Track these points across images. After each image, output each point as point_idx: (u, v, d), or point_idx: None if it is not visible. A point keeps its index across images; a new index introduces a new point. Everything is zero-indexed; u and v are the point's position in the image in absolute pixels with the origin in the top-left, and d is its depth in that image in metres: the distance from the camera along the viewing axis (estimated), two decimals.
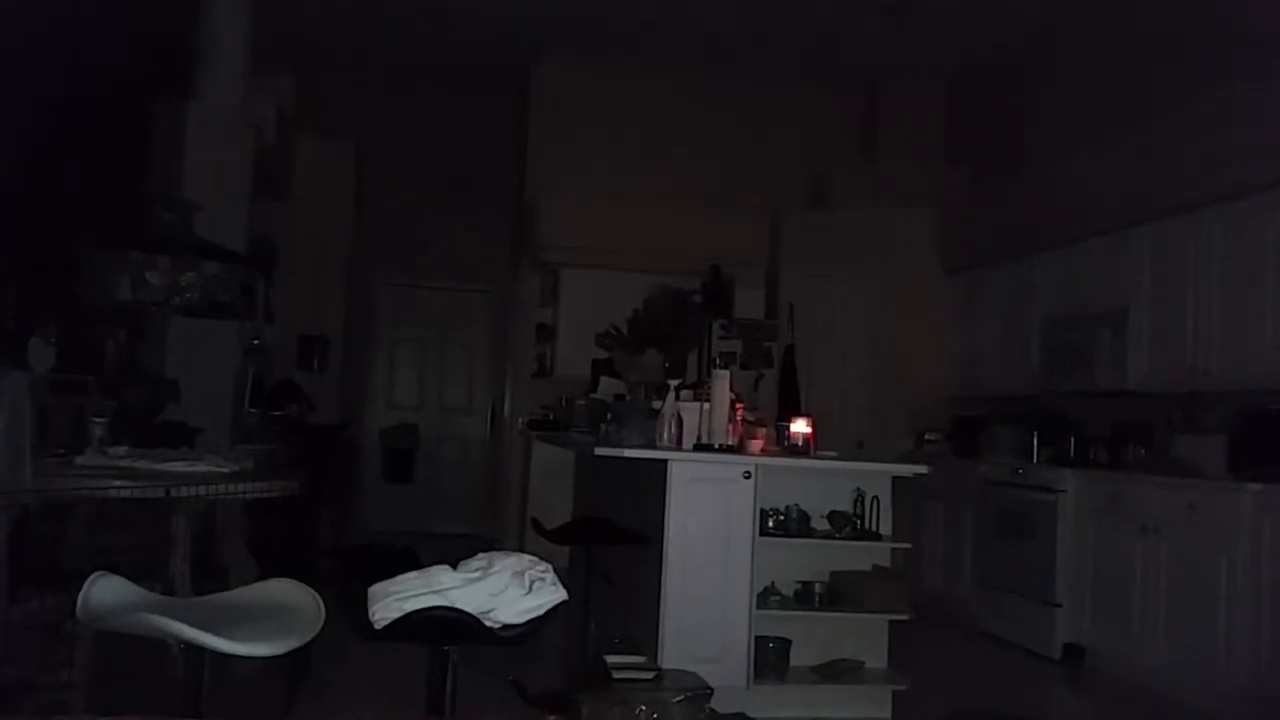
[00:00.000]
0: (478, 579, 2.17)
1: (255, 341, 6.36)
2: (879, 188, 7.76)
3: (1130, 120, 5.80)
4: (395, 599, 2.15)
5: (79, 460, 3.42)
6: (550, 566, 2.29)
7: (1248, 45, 5.19)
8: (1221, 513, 4.47)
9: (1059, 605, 5.38)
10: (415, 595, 2.14)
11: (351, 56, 8.29)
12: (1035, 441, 6.15)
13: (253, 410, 6.31)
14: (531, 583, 2.20)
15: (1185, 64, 5.69)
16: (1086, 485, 5.38)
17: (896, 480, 4.37)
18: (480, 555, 2.28)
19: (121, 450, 3.55)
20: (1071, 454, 5.88)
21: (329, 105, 8.24)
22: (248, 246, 5.78)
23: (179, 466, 3.41)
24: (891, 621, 4.22)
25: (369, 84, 8.68)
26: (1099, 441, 5.80)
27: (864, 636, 4.21)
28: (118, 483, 3.09)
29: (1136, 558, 4.91)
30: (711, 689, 3.42)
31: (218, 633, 2.04)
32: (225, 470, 3.50)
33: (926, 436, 7.21)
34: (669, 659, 3.80)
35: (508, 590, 2.16)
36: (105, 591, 2.18)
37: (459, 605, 2.14)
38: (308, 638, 2.25)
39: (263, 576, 3.29)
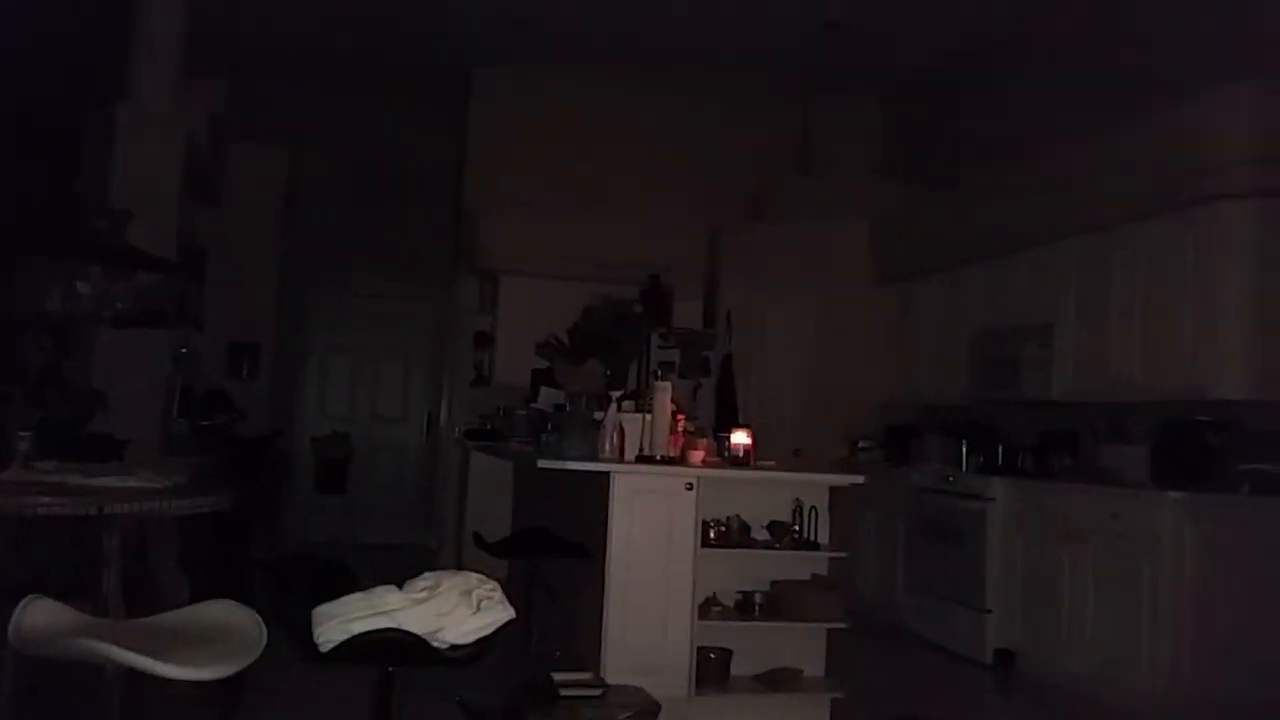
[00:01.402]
0: (425, 599, 2.16)
1: (184, 350, 6.23)
2: (815, 201, 7.89)
3: (1056, 140, 5.98)
4: (341, 621, 2.12)
5: (3, 476, 3.30)
6: (498, 585, 2.28)
7: (1170, 70, 5.39)
8: (1144, 520, 4.62)
9: (989, 611, 5.50)
10: (362, 617, 2.11)
11: (286, 60, 8.16)
12: (965, 450, 6.31)
13: (181, 420, 6.18)
14: (479, 601, 2.19)
15: (1111, 87, 5.89)
16: (1014, 493, 5.52)
17: (833, 489, 4.44)
18: (427, 575, 2.26)
19: (50, 465, 3.44)
20: (1000, 463, 6.04)
21: (263, 109, 8.09)
22: (179, 253, 5.65)
23: (111, 482, 3.31)
24: (829, 630, 4.28)
25: (304, 88, 8.54)
26: (1026, 451, 5.97)
27: (803, 645, 4.26)
28: (46, 499, 2.99)
29: (1063, 564, 5.05)
30: (659, 705, 3.43)
31: (158, 656, 2.00)
32: (158, 485, 3.41)
33: (860, 444, 7.35)
34: (611, 672, 3.80)
35: (456, 610, 2.15)
36: (38, 616, 2.12)
37: (406, 626, 2.12)
38: (250, 659, 2.22)
39: (196, 593, 3.22)
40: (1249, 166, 4.70)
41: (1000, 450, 6.13)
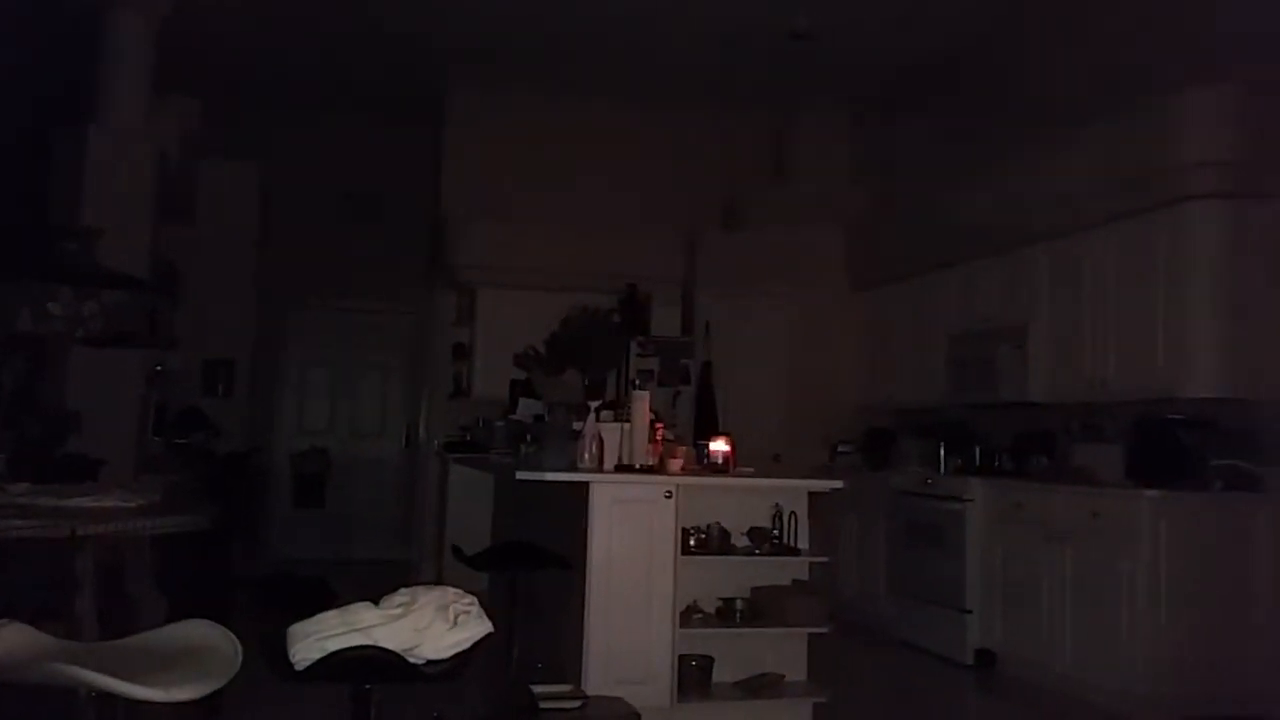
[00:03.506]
0: (400, 615, 2.15)
1: (159, 368, 6.18)
2: (790, 208, 7.93)
3: (1027, 144, 6.03)
4: (316, 639, 2.11)
5: None
6: (475, 599, 2.27)
7: (1138, 74, 5.45)
8: (1122, 519, 4.67)
9: (969, 612, 5.53)
10: (337, 634, 2.10)
11: (260, 76, 8.14)
12: (943, 452, 6.34)
13: (157, 439, 6.13)
14: (456, 616, 2.18)
15: (1080, 92, 5.95)
16: (993, 494, 5.55)
17: (813, 494, 4.45)
18: (403, 590, 2.25)
19: (22, 487, 3.41)
20: (977, 464, 6.08)
21: (236, 126, 8.06)
22: (151, 271, 5.62)
23: (84, 502, 3.28)
24: (811, 634, 4.28)
25: (278, 104, 8.52)
26: (1003, 451, 6.01)
27: (784, 650, 4.26)
28: (18, 522, 2.96)
29: (1042, 563, 5.09)
30: (639, 715, 3.43)
31: (133, 679, 1.98)
32: (131, 505, 3.38)
33: (839, 448, 7.38)
34: (593, 682, 3.80)
35: (432, 626, 2.13)
36: (12, 641, 2.10)
37: (382, 643, 2.10)
38: (225, 679, 2.20)
39: (173, 614, 3.19)
40: (1217, 168, 4.77)
41: (978, 452, 6.17)
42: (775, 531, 4.31)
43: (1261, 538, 4.62)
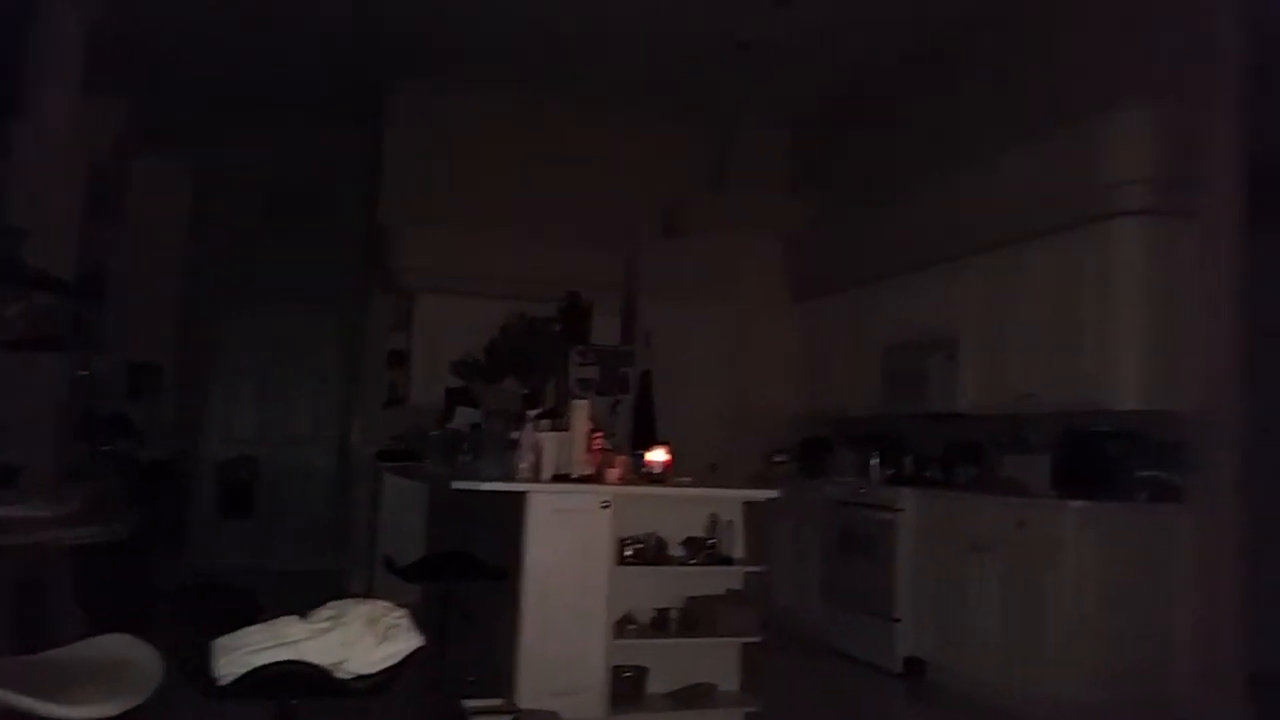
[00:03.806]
0: (328, 629, 2.11)
1: (83, 373, 6.00)
2: (730, 219, 7.98)
3: (961, 160, 6.15)
4: (240, 653, 2.06)
5: None
6: (406, 612, 2.24)
7: (1069, 93, 5.59)
8: (1048, 528, 4.76)
9: (899, 620, 5.60)
10: (262, 649, 2.06)
11: (192, 75, 7.97)
12: (876, 462, 6.43)
13: (79, 445, 5.95)
14: (386, 630, 2.15)
15: (1014, 110, 6.08)
16: (923, 504, 5.64)
17: (749, 503, 4.48)
18: (330, 604, 2.22)
19: None
20: (909, 474, 6.17)
21: (168, 126, 7.88)
22: (78, 273, 5.45)
23: None
24: (744, 644, 4.30)
25: (211, 104, 8.36)
26: (934, 462, 6.11)
27: (717, 660, 4.28)
28: None
29: (970, 573, 5.17)
30: None
31: (47, 696, 1.92)
32: (48, 514, 3.28)
33: (775, 458, 7.44)
34: (525, 694, 3.77)
35: (361, 640, 2.10)
36: None
37: (309, 658, 2.07)
38: (145, 696, 2.14)
39: (91, 627, 3.10)
40: (1145, 186, 4.89)
41: (909, 462, 6.26)
42: (711, 541, 4.32)
43: (1184, 547, 4.75)
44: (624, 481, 4.21)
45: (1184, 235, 4.89)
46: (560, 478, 4.11)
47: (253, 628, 2.12)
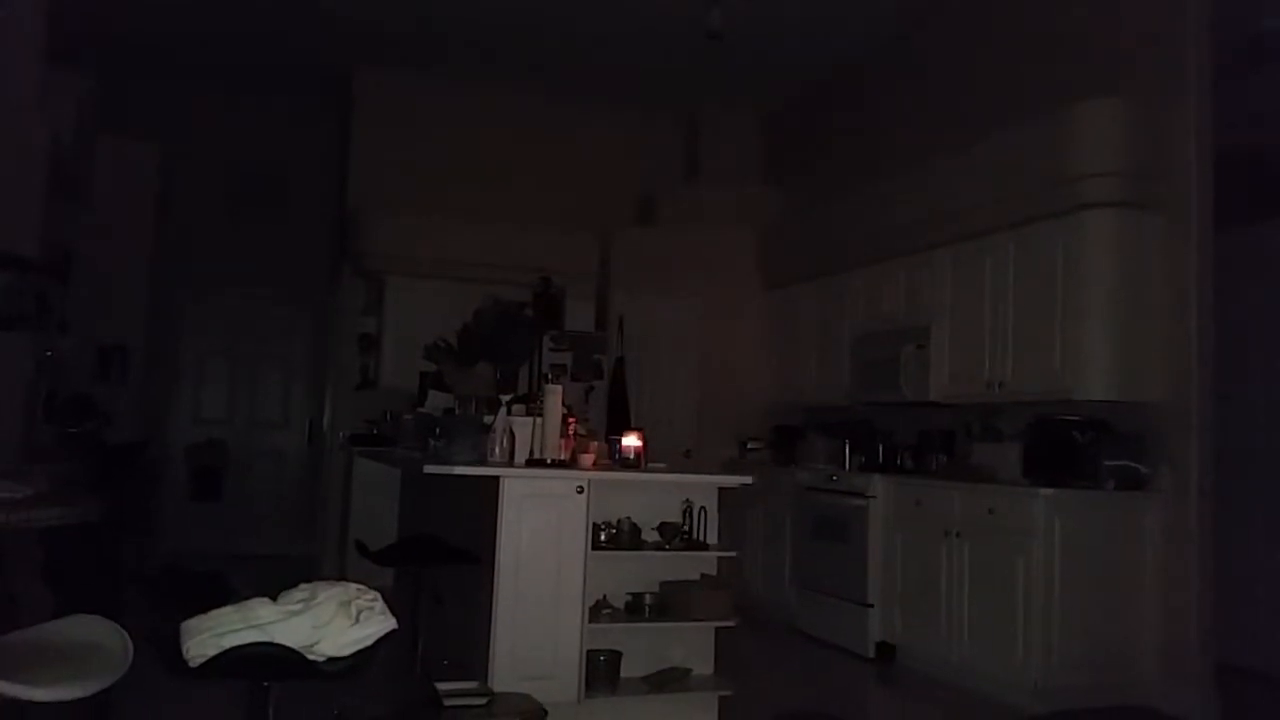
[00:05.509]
0: (300, 611, 2.09)
1: (49, 354, 5.92)
2: (702, 207, 8.00)
3: (931, 151, 6.18)
4: (211, 635, 2.04)
5: None
6: (379, 595, 2.22)
7: (1040, 85, 5.63)
8: (1017, 516, 4.81)
9: (870, 606, 5.65)
10: (233, 630, 2.04)
11: (160, 53, 7.86)
12: (848, 449, 6.47)
13: (45, 427, 5.87)
14: (358, 612, 2.14)
15: (983, 101, 6.12)
16: (895, 491, 5.68)
17: (723, 489, 4.49)
18: (303, 586, 2.20)
19: None
20: (880, 461, 6.22)
21: (135, 105, 7.77)
22: (42, 252, 5.37)
23: None
24: (718, 628, 4.32)
25: (179, 84, 8.25)
26: (905, 449, 6.16)
27: (691, 644, 4.30)
28: None
29: (941, 559, 5.22)
30: (545, 711, 3.41)
31: (16, 677, 1.89)
32: (16, 496, 3.23)
33: (748, 445, 7.47)
34: (500, 678, 3.77)
35: (333, 622, 2.09)
36: None
37: (280, 639, 2.05)
38: (115, 677, 2.12)
39: (60, 609, 3.06)
40: (1114, 178, 4.95)
41: (881, 449, 6.31)
42: (685, 527, 4.33)
43: (1150, 534, 4.83)
44: (598, 467, 4.21)
45: (1153, 227, 4.95)
46: (534, 463, 4.11)
47: (224, 609, 2.10)
